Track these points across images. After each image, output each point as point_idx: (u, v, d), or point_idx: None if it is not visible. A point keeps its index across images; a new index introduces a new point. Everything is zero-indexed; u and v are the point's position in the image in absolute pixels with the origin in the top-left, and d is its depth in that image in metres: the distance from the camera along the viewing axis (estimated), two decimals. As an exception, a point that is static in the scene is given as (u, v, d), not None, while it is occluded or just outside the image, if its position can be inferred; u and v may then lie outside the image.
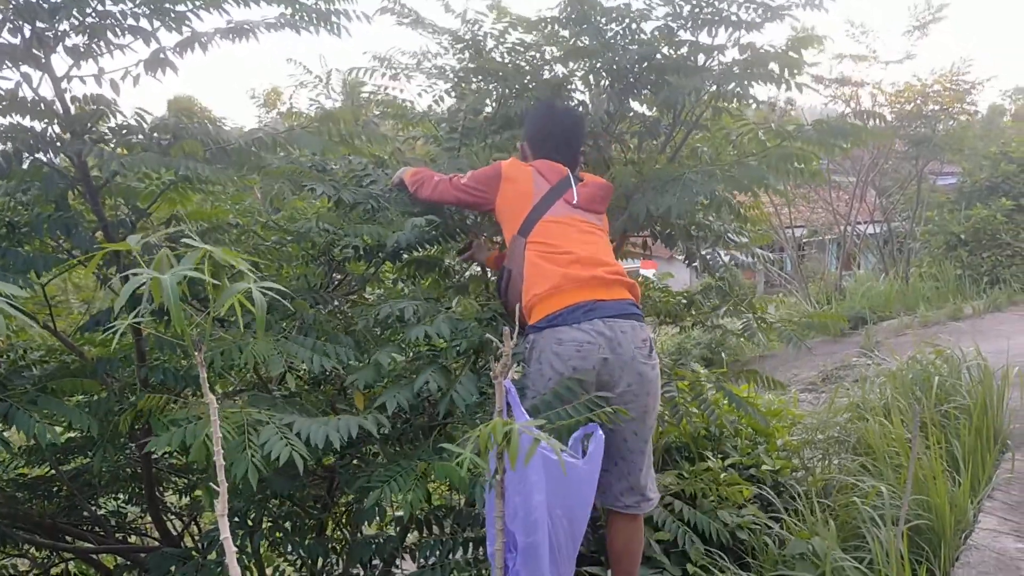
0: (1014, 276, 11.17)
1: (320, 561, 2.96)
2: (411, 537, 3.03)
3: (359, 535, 3.04)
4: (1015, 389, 4.84)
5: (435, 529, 2.97)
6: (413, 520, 2.96)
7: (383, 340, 2.76)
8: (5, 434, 2.36)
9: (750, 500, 3.68)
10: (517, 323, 2.29)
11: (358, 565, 2.84)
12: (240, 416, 2.06)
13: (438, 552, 2.70)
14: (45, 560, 3.55)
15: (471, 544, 2.77)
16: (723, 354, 8.69)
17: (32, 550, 3.46)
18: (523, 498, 2.01)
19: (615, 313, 2.51)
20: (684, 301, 3.87)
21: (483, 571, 2.55)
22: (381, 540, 2.84)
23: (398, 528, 3.02)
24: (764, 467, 3.96)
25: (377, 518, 2.83)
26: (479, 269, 3.39)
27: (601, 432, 2.18)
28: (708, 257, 3.51)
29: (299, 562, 3.18)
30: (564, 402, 2.36)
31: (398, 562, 2.93)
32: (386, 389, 2.43)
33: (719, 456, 3.98)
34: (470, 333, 2.51)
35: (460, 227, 3.17)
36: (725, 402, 3.65)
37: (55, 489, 3.33)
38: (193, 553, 2.84)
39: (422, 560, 2.74)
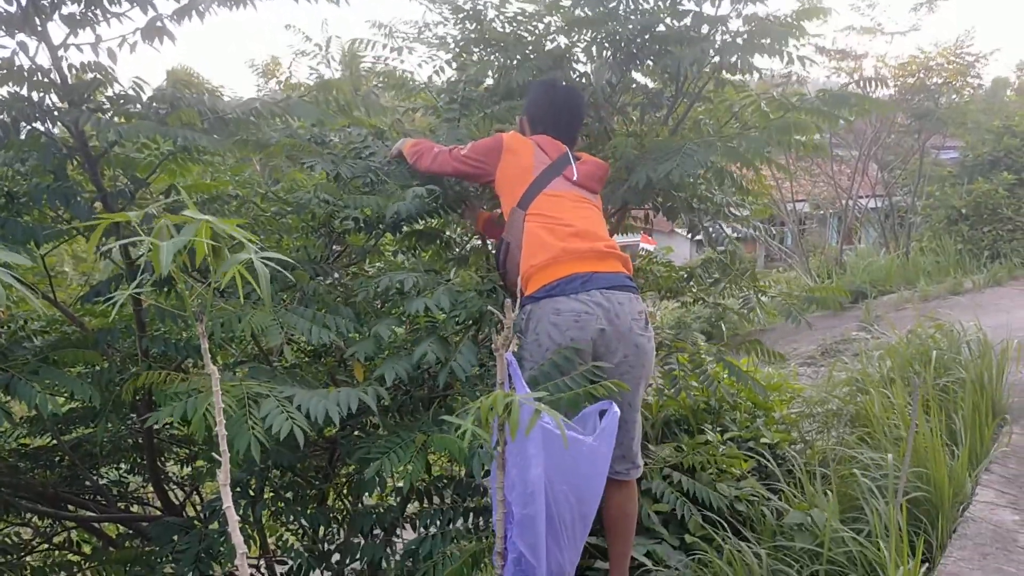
0: (1015, 251, 11.14)
1: (321, 530, 2.98)
2: (411, 508, 3.06)
3: (360, 505, 3.06)
4: (1014, 363, 4.85)
5: (436, 499, 2.99)
6: (414, 491, 2.98)
7: (383, 313, 2.75)
8: (7, 405, 2.37)
9: (748, 472, 3.70)
10: (519, 295, 2.30)
11: (359, 534, 2.86)
12: (240, 389, 2.06)
13: (439, 521, 2.72)
14: (48, 529, 3.58)
15: (471, 513, 2.79)
16: (723, 327, 8.69)
17: (35, 519, 3.48)
18: (519, 471, 2.01)
19: (612, 285, 2.51)
20: (684, 275, 3.86)
21: (483, 539, 2.57)
22: (382, 509, 2.86)
23: (399, 498, 3.03)
24: (763, 440, 3.98)
25: (378, 488, 2.85)
26: (480, 241, 3.38)
27: (617, 409, 2.16)
28: (711, 230, 3.50)
29: (300, 531, 3.20)
30: (562, 373, 2.36)
31: (399, 531, 2.95)
32: (385, 361, 2.43)
33: (718, 429, 4.00)
34: (469, 304, 2.51)
35: (461, 198, 3.15)
36: (725, 375, 3.66)
37: (57, 459, 3.35)
38: (195, 522, 2.86)
39: (423, 529, 2.76)
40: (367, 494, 2.96)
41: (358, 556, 2.78)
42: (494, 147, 2.76)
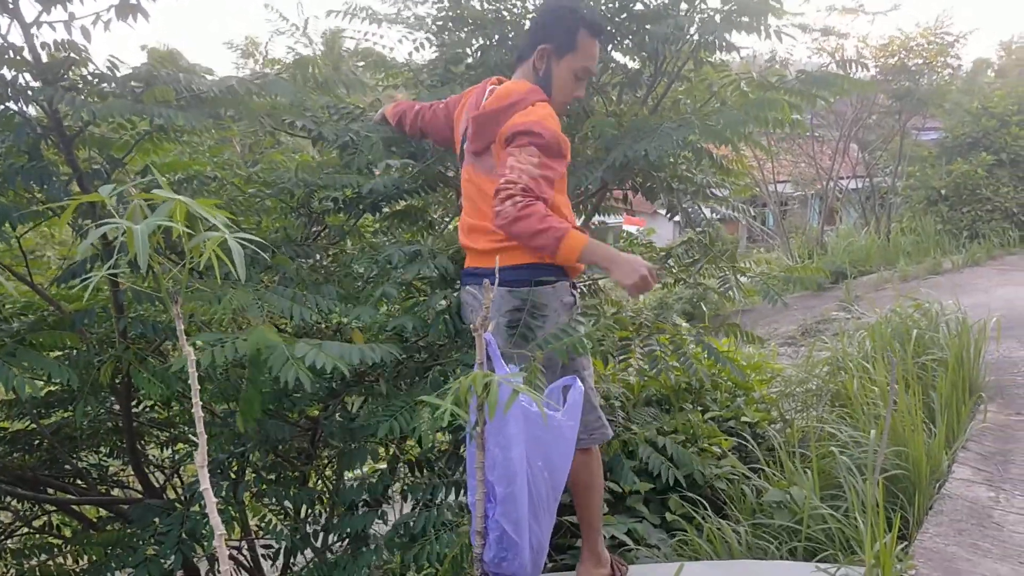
0: (993, 231, 11.25)
1: (305, 510, 2.99)
2: (392, 489, 3.07)
3: (343, 485, 3.06)
4: (992, 342, 4.91)
5: (425, 472, 3.01)
6: (400, 465, 3.01)
7: (371, 290, 2.75)
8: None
9: (729, 452, 3.73)
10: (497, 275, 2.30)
11: (343, 512, 2.86)
12: (273, 333, 2.10)
13: (429, 496, 2.73)
14: (28, 512, 3.56)
15: (456, 487, 2.81)
16: (704, 307, 8.74)
17: (14, 502, 3.46)
18: (502, 449, 2.02)
19: (472, 280, 2.48)
20: (663, 255, 3.86)
21: (465, 519, 2.59)
22: (373, 481, 2.86)
23: (387, 470, 3.05)
24: (743, 419, 4.01)
25: (368, 463, 2.88)
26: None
27: (581, 384, 2.18)
28: (689, 210, 3.49)
29: (283, 513, 3.20)
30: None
31: (384, 508, 2.96)
32: (390, 320, 2.53)
33: (699, 409, 4.02)
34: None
35: (442, 179, 3.13)
36: (705, 356, 3.68)
37: (36, 442, 3.33)
38: (176, 505, 2.85)
39: (413, 502, 2.78)
40: (350, 473, 2.97)
41: (344, 532, 2.78)
42: (451, 112, 2.69)
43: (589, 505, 2.61)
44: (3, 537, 3.44)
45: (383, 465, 3.15)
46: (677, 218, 3.50)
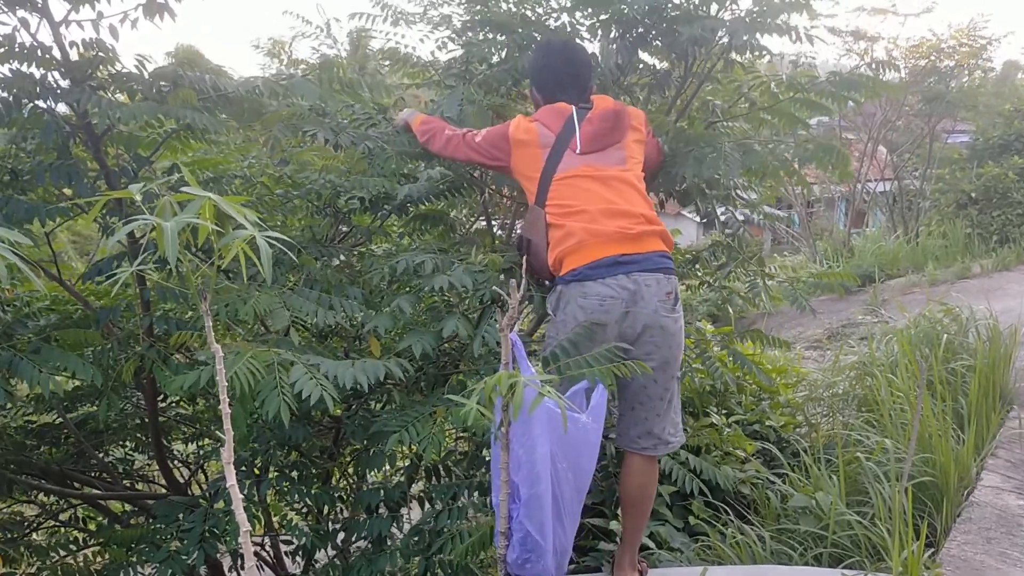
0: (1023, 235, 11.07)
1: (326, 509, 2.99)
2: (415, 488, 3.07)
3: (365, 486, 3.07)
4: (1023, 348, 4.83)
5: (444, 477, 3.00)
6: (419, 470, 3.00)
7: (393, 293, 2.75)
8: (10, 384, 2.37)
9: (753, 455, 3.70)
10: (524, 277, 2.29)
11: (364, 513, 2.87)
12: (269, 355, 2.06)
13: (450, 499, 2.73)
14: (53, 506, 3.60)
15: (480, 488, 2.80)
16: (730, 310, 8.68)
17: (40, 496, 3.50)
18: (527, 451, 2.02)
19: (641, 268, 2.47)
20: (689, 258, 3.83)
21: (489, 515, 2.58)
22: (390, 486, 2.87)
23: (404, 477, 3.05)
24: (768, 423, 3.97)
25: (387, 466, 2.87)
26: (485, 223, 3.36)
27: (603, 387, 2.18)
28: (723, 216, 3.47)
29: (305, 511, 3.21)
30: (580, 351, 2.38)
31: (403, 510, 2.96)
32: (406, 335, 2.46)
33: (723, 412, 3.99)
34: (490, 283, 2.54)
35: (468, 181, 3.13)
36: (730, 359, 3.65)
37: (62, 437, 3.36)
38: (201, 501, 2.86)
39: (431, 504, 2.78)
40: (371, 473, 2.97)
41: (363, 534, 2.78)
42: (503, 138, 2.68)
43: (644, 513, 2.67)
44: (30, 530, 3.48)
45: (406, 462, 3.15)
46: (707, 220, 3.48)
